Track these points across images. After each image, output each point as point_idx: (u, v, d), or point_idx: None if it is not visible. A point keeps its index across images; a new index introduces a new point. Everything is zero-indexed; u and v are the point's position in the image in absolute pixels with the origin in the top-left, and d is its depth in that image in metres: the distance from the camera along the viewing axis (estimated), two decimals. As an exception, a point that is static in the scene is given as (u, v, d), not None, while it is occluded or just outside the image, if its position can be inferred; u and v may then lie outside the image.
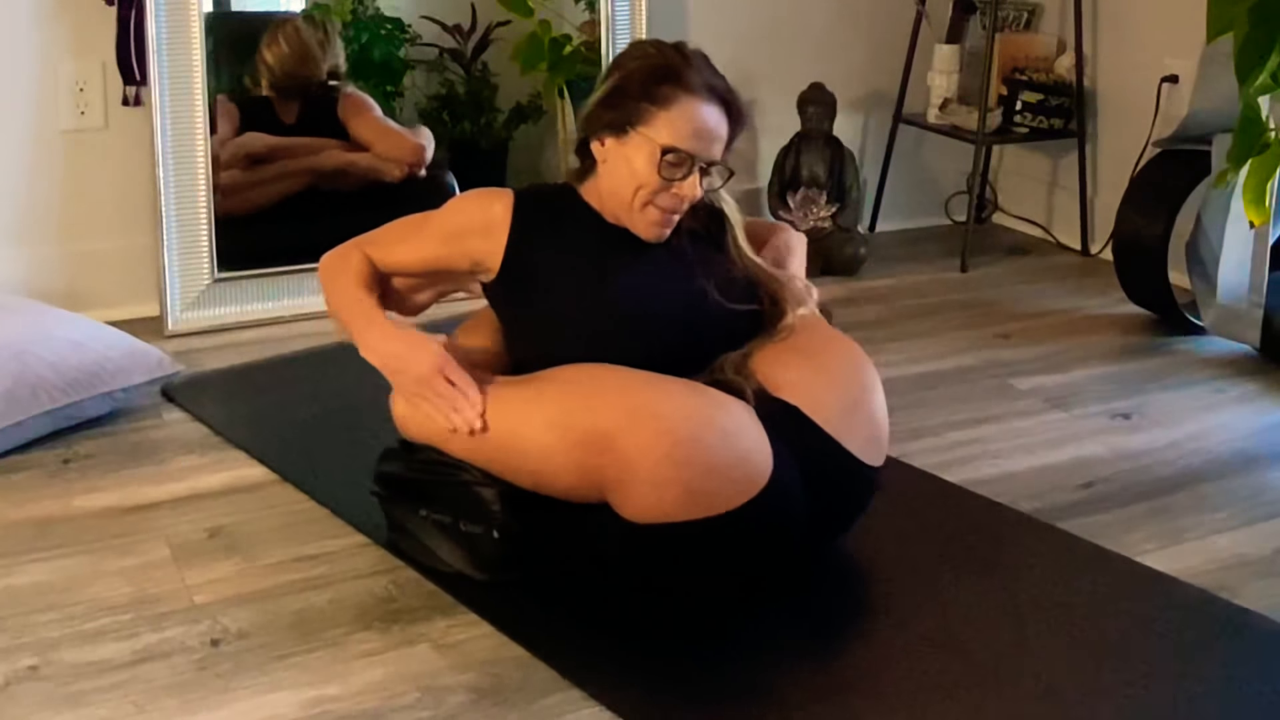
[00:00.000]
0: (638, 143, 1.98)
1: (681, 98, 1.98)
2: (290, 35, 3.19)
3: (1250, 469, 2.52)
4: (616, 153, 2.01)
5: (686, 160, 1.97)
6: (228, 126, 3.12)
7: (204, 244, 3.01)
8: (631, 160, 1.99)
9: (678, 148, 1.96)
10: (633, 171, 1.99)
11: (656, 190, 1.99)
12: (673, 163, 1.97)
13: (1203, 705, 1.82)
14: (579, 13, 3.48)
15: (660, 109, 1.98)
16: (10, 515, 2.19)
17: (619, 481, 1.84)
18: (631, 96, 1.99)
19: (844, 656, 1.91)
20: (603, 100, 2.03)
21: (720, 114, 2.01)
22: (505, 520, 1.95)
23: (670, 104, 1.98)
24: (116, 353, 2.52)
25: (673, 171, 1.97)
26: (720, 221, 2.12)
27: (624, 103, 2.00)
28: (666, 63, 2.01)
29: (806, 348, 2.04)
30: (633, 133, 1.99)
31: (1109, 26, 3.75)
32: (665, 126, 1.97)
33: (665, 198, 1.99)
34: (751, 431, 1.87)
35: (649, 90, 1.99)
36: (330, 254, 2.13)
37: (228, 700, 1.75)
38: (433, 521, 2.02)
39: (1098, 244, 3.79)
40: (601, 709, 1.75)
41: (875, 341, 3.01)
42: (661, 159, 1.96)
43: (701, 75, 2.01)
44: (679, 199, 2.00)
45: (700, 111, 1.99)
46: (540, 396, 1.93)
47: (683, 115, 1.97)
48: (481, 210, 2.06)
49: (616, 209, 2.04)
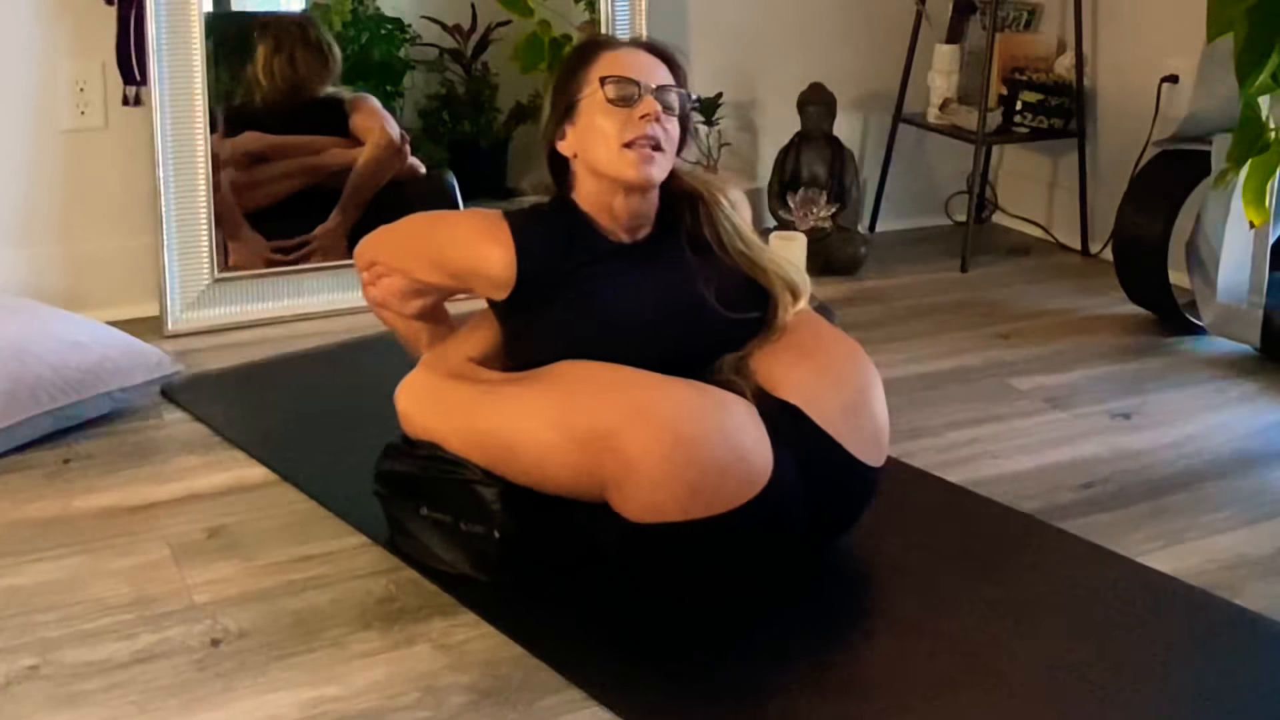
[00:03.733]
0: (585, 106, 2.01)
1: (604, 53, 2.05)
2: (309, 59, 3.18)
3: (1250, 469, 2.52)
4: (578, 134, 2.03)
5: (629, 83, 1.99)
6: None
7: (204, 244, 3.01)
8: (590, 123, 2.00)
9: (614, 74, 2.00)
10: (594, 129, 2.00)
11: (622, 124, 1.98)
12: (616, 85, 1.99)
13: (1203, 705, 1.82)
14: (579, 13, 3.48)
15: (588, 70, 2.03)
16: (10, 515, 2.19)
17: (620, 481, 1.84)
18: (564, 83, 2.05)
19: (844, 656, 1.91)
20: (549, 110, 2.07)
21: (652, 59, 2.05)
22: (505, 520, 1.95)
23: (596, 60, 2.04)
24: (116, 353, 2.52)
25: (621, 93, 1.99)
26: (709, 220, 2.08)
27: (561, 92, 2.05)
28: (585, 42, 2.10)
29: (806, 347, 2.04)
30: (578, 105, 2.02)
31: (1109, 26, 3.75)
32: (596, 74, 2.01)
33: (633, 127, 1.98)
34: (752, 431, 1.87)
35: (575, 68, 2.05)
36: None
37: (228, 700, 1.75)
38: (433, 521, 2.02)
39: (1098, 244, 3.79)
40: (601, 709, 1.75)
41: (875, 341, 3.00)
42: (602, 89, 1.99)
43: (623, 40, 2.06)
44: (647, 122, 1.98)
45: (625, 55, 2.05)
46: (541, 395, 1.93)
47: (610, 60, 2.03)
48: (480, 258, 2.00)
49: (603, 175, 2.00)
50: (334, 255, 3.16)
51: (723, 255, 2.07)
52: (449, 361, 2.11)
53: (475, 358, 2.10)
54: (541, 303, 2.00)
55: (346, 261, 3.15)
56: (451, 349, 2.15)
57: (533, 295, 2.00)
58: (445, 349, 2.15)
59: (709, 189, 2.10)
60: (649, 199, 2.06)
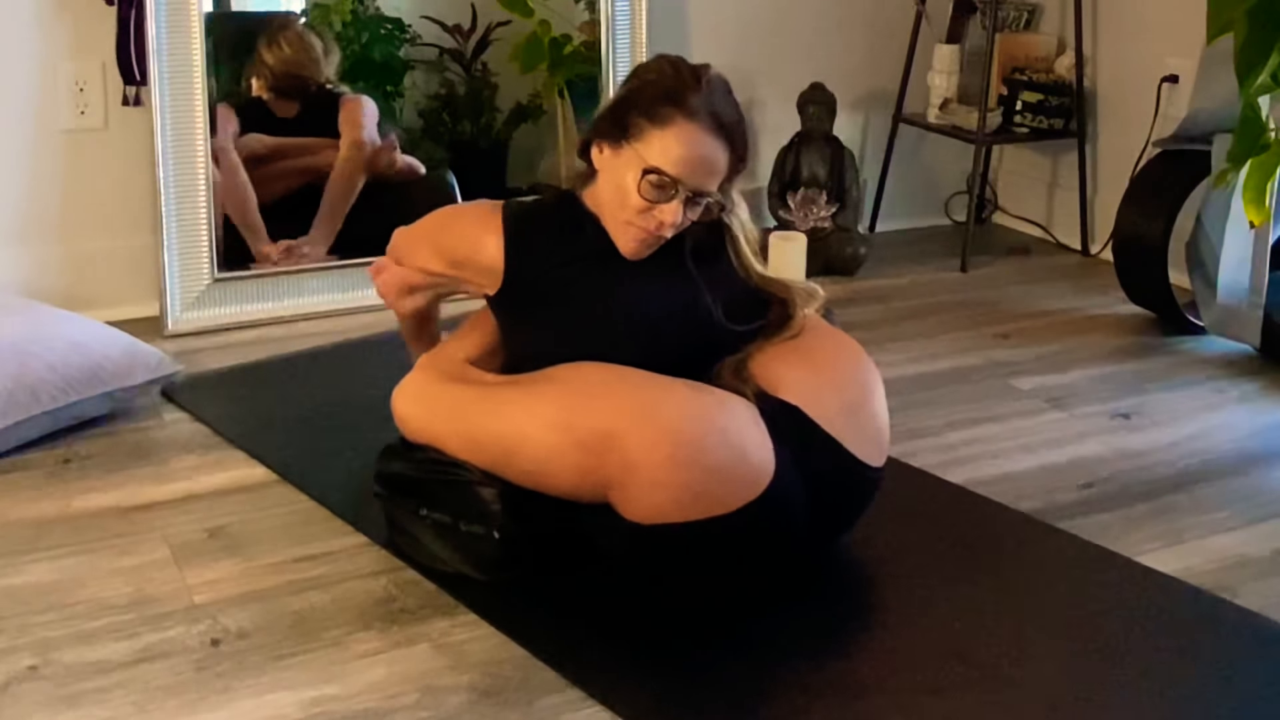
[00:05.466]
0: (629, 158, 1.95)
1: (679, 121, 1.92)
2: (292, 38, 3.19)
3: (1250, 469, 2.52)
4: (610, 164, 1.98)
5: (670, 185, 1.92)
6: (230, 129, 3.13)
7: (204, 244, 3.01)
8: (622, 175, 1.95)
9: (663, 170, 1.92)
10: (619, 186, 1.95)
11: (639, 210, 1.94)
12: (655, 184, 1.92)
13: (1203, 705, 1.82)
14: (579, 13, 3.48)
15: (656, 128, 1.93)
16: (10, 515, 2.19)
17: (621, 482, 1.84)
18: (634, 109, 1.96)
19: (844, 656, 1.90)
20: (610, 108, 2.01)
21: (719, 146, 1.95)
22: (505, 520, 1.95)
23: (666, 125, 1.93)
24: (116, 353, 2.52)
25: (654, 193, 1.93)
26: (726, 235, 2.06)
27: (626, 115, 1.96)
28: (676, 84, 1.95)
29: (806, 347, 2.03)
30: (627, 147, 1.95)
31: (1109, 26, 3.75)
32: (656, 146, 1.92)
33: (645, 218, 1.95)
34: (753, 432, 1.87)
35: (651, 107, 1.94)
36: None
37: (228, 700, 1.75)
38: (433, 522, 2.02)
39: (1098, 244, 3.79)
40: (601, 709, 1.75)
41: (875, 341, 3.00)
42: (643, 178, 1.92)
43: (710, 103, 1.94)
44: (658, 223, 1.94)
45: (694, 138, 1.93)
46: (542, 397, 1.92)
47: (676, 139, 1.92)
48: (475, 244, 2.03)
49: (605, 218, 2.00)
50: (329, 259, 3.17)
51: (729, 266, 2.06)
52: (444, 364, 2.11)
53: (470, 359, 2.10)
54: (535, 297, 2.01)
55: (346, 262, 3.17)
56: (446, 351, 2.15)
57: (525, 288, 2.01)
58: (440, 351, 2.16)
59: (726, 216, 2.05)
60: None
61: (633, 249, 1.98)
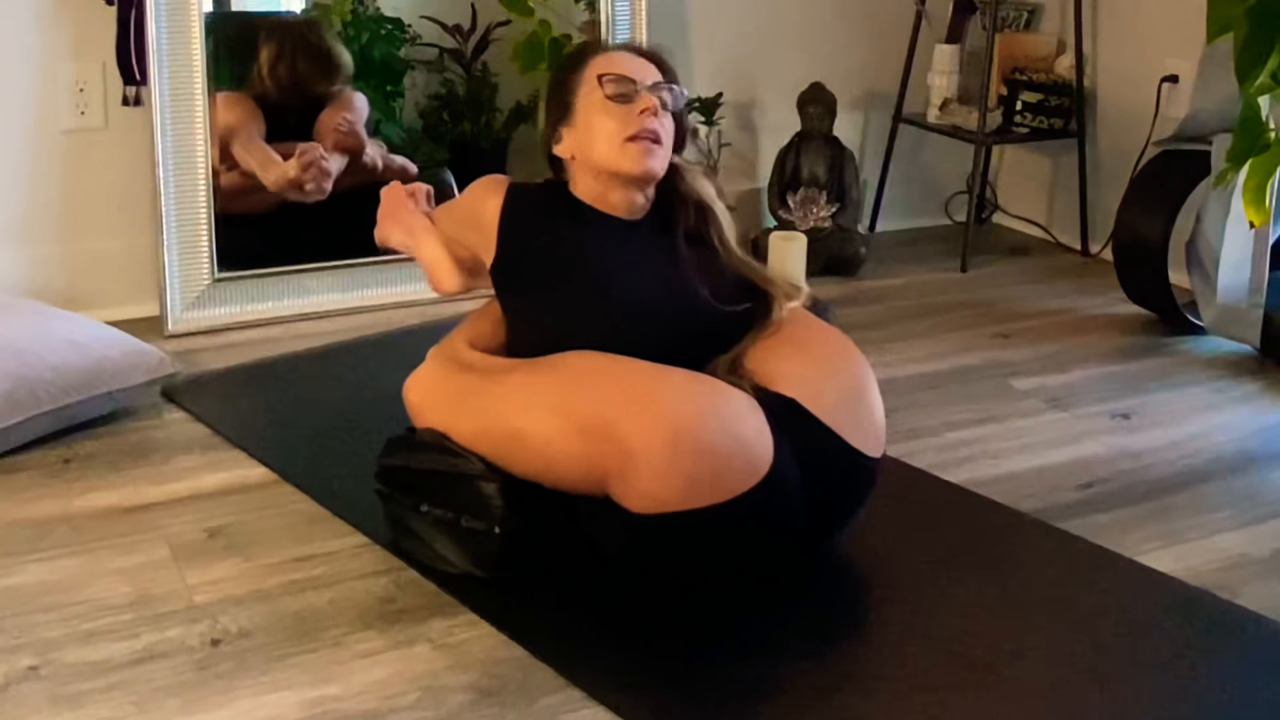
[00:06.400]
0: (583, 107, 2.07)
1: (597, 55, 2.12)
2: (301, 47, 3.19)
3: (1250, 469, 2.52)
4: (575, 134, 2.08)
5: (626, 81, 2.05)
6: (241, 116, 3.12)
7: (204, 244, 3.01)
8: (589, 121, 2.06)
9: (611, 72, 2.06)
10: (593, 127, 2.06)
11: (621, 122, 2.03)
12: (614, 83, 2.05)
13: (1203, 705, 1.82)
14: (579, 13, 3.48)
15: (582, 72, 2.09)
16: (10, 515, 2.19)
17: (620, 469, 1.84)
18: (560, 88, 2.12)
19: (844, 656, 1.91)
20: (547, 110, 2.15)
21: (643, 60, 2.12)
22: (506, 516, 1.95)
23: (588, 64, 2.10)
24: (116, 353, 2.52)
25: (619, 90, 2.05)
26: (710, 222, 2.13)
27: (557, 96, 2.12)
28: (579, 50, 2.18)
29: (800, 341, 2.06)
30: (575, 110, 2.08)
31: (1109, 26, 3.75)
32: (592, 74, 2.07)
33: (633, 122, 2.03)
34: (752, 420, 1.88)
35: (569, 71, 2.12)
36: None
37: (228, 700, 1.75)
38: (434, 518, 2.02)
39: (1098, 244, 3.79)
40: (601, 709, 1.75)
41: (875, 341, 3.01)
42: (601, 86, 2.04)
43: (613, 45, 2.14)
44: (646, 116, 2.04)
45: (616, 56, 2.12)
46: (543, 384, 1.94)
47: (604, 61, 2.09)
48: (478, 203, 2.13)
49: (603, 172, 2.07)
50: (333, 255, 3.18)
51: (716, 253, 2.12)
52: (454, 353, 2.12)
53: (478, 348, 2.12)
54: (530, 272, 2.06)
55: (346, 261, 3.17)
56: (455, 341, 2.16)
57: (518, 257, 2.06)
58: (449, 341, 2.17)
59: (713, 202, 2.15)
60: (646, 194, 2.11)
61: (645, 162, 2.05)
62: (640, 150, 2.04)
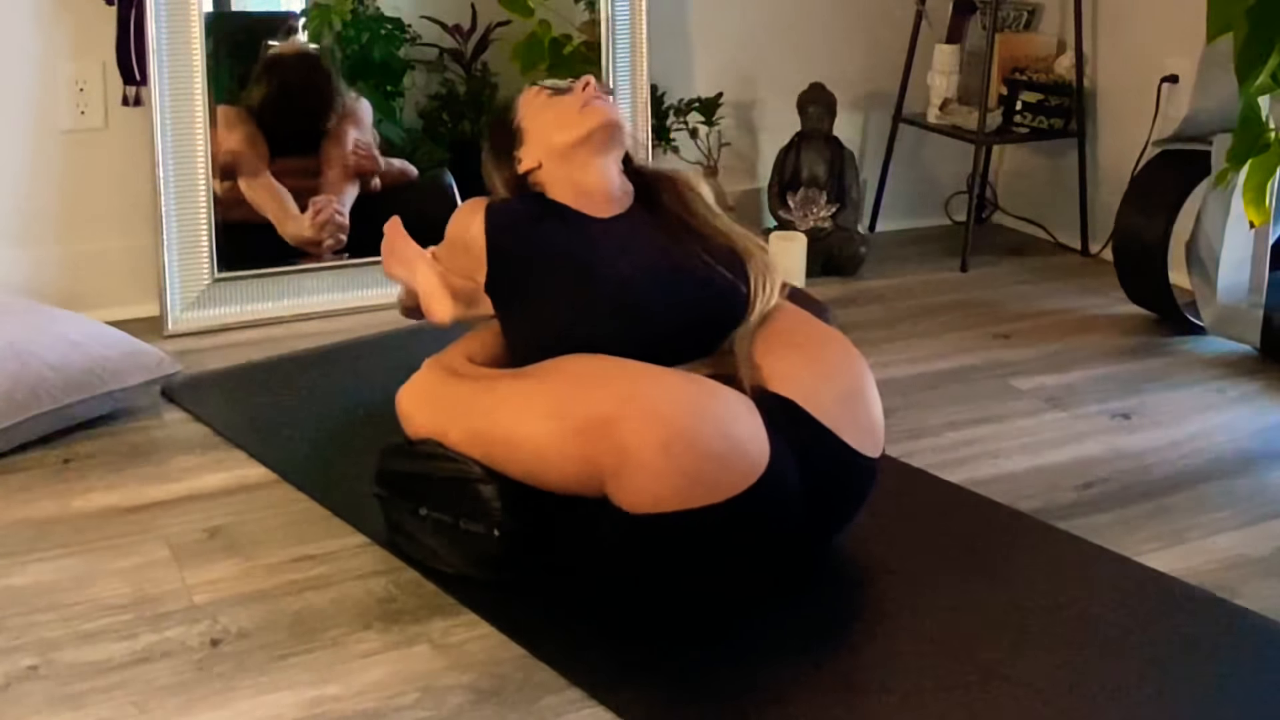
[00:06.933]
0: (529, 118, 2.21)
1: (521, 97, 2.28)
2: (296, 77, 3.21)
3: (1250, 469, 2.52)
4: (531, 143, 2.19)
5: (558, 86, 2.22)
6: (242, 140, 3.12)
7: (204, 244, 3.02)
8: (539, 123, 2.18)
9: (542, 85, 2.25)
10: (546, 120, 2.18)
11: (571, 103, 2.16)
12: (549, 88, 2.22)
13: (1203, 705, 1.82)
14: (579, 13, 3.48)
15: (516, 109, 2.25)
16: (10, 515, 2.20)
17: (616, 470, 1.84)
18: (499, 128, 2.26)
19: (844, 656, 1.91)
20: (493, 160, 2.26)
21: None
22: (505, 518, 1.95)
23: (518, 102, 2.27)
24: (116, 353, 2.52)
25: (556, 89, 2.21)
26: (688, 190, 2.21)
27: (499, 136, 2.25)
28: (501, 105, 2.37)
29: (796, 341, 2.06)
30: (521, 126, 2.21)
31: (1109, 26, 3.75)
32: (525, 99, 2.25)
33: (578, 99, 2.17)
34: (748, 419, 1.88)
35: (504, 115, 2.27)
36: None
37: (228, 700, 1.75)
38: (432, 521, 2.02)
39: (1098, 244, 3.79)
40: (601, 709, 1.75)
41: (875, 341, 3.01)
42: (539, 95, 2.21)
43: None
44: (589, 92, 2.17)
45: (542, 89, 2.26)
46: (539, 387, 1.94)
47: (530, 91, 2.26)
48: (462, 228, 2.15)
49: (572, 149, 2.14)
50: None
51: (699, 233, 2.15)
52: (449, 362, 2.12)
53: (475, 360, 2.11)
54: (520, 280, 2.07)
55: (346, 262, 3.17)
56: (452, 351, 2.16)
57: (509, 267, 2.07)
58: (446, 352, 2.17)
59: (676, 173, 2.27)
60: (622, 177, 2.18)
61: (602, 111, 2.17)
62: (595, 106, 2.15)
